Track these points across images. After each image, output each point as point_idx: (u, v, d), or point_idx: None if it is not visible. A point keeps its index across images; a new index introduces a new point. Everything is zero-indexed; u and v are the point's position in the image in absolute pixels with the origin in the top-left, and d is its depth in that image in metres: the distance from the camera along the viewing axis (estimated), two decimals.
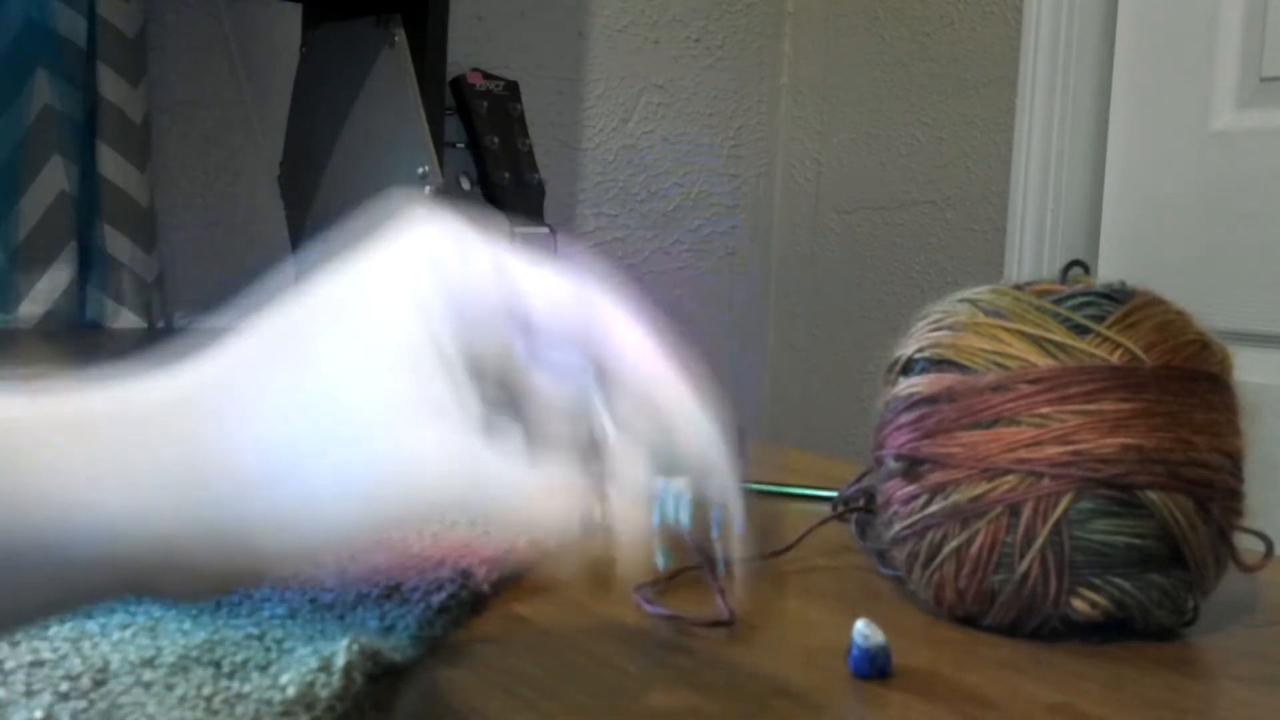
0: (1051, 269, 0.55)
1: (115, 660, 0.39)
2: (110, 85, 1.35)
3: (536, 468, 0.32)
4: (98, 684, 0.37)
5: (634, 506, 0.33)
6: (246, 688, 0.37)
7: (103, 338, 1.30)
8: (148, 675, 0.38)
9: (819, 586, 0.55)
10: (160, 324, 1.41)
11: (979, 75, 1.85)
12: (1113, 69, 1.65)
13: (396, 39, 1.39)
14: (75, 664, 0.38)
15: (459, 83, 1.74)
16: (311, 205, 1.39)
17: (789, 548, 0.58)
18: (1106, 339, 0.47)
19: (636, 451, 0.34)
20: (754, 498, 0.39)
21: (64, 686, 0.37)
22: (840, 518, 0.61)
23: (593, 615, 0.49)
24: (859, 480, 0.62)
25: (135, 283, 1.37)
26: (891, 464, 0.50)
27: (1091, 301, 0.49)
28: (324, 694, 0.36)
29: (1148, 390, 0.46)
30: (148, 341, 1.29)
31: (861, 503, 0.61)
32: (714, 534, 0.40)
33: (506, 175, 1.74)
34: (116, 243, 1.35)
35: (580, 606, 0.51)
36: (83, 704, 0.36)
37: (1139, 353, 0.47)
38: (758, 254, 2.21)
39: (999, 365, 0.48)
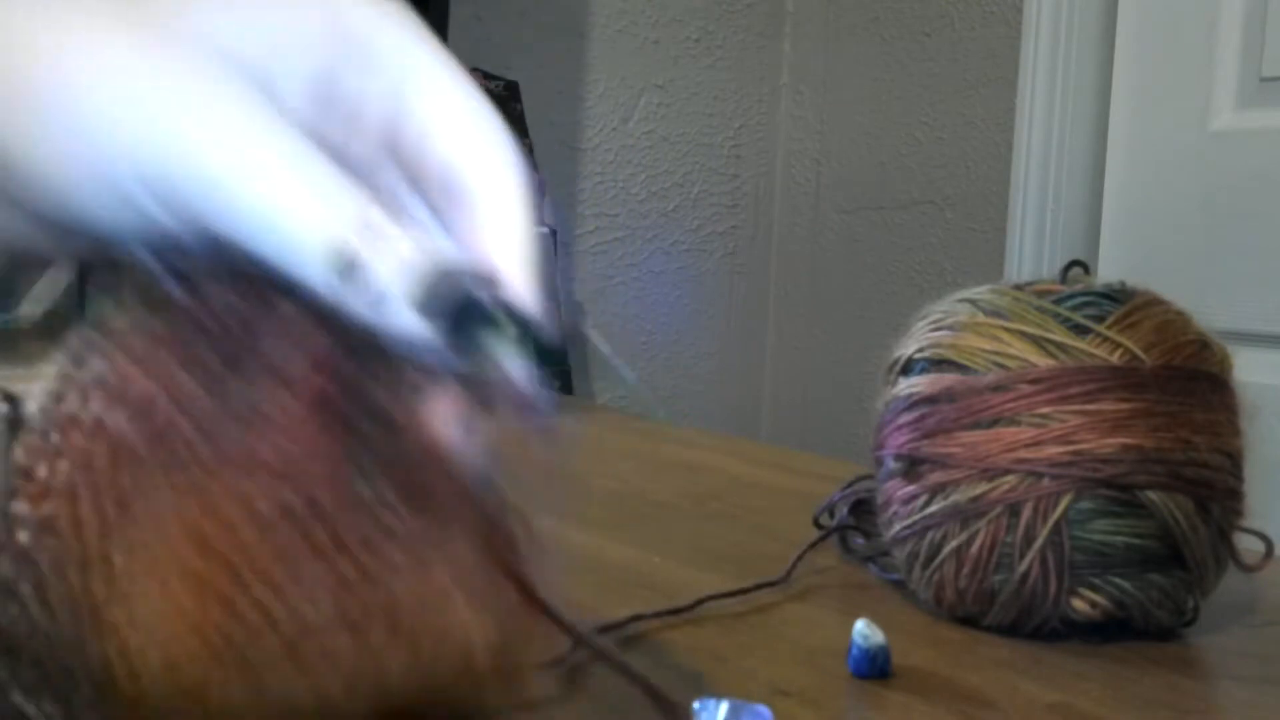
0: (1051, 269, 0.55)
1: None
2: None
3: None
4: None
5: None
6: None
7: None
8: None
9: (818, 587, 0.55)
10: None
11: (979, 75, 1.85)
12: (1113, 69, 1.65)
13: None
14: None
15: None
16: None
17: (783, 579, 0.54)
18: (1106, 339, 0.47)
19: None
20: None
21: None
22: (827, 536, 0.61)
23: (593, 614, 0.49)
24: (849, 487, 0.61)
25: None
26: (891, 464, 0.50)
27: (1091, 301, 0.49)
28: None
29: (1148, 390, 0.46)
30: None
31: (844, 519, 0.61)
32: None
33: None
34: None
35: (582, 606, 0.51)
36: None
37: (1139, 353, 0.47)
38: (758, 254, 2.21)
39: (999, 365, 0.48)
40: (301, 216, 0.26)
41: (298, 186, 0.26)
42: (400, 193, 0.29)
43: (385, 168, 0.29)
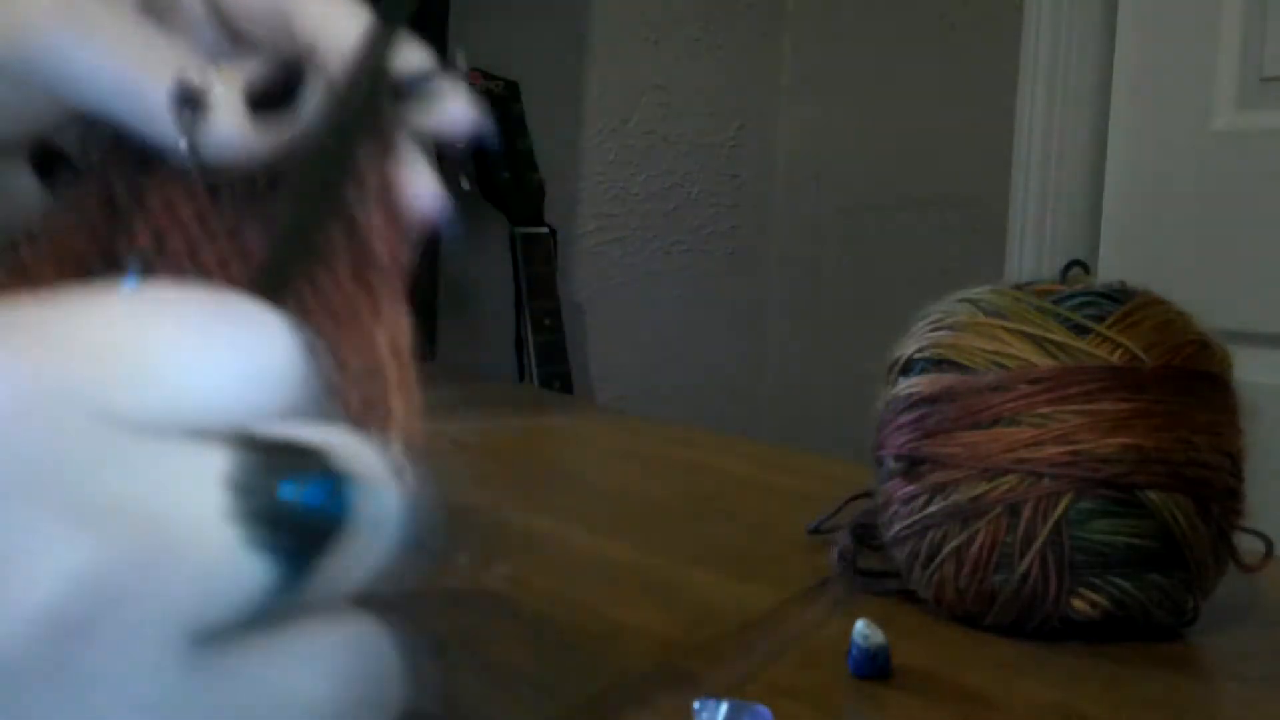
0: (1051, 269, 0.55)
1: None
2: None
3: None
4: None
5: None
6: None
7: None
8: None
9: (818, 587, 0.55)
10: None
11: (979, 75, 1.85)
12: (1113, 69, 1.65)
13: None
14: None
15: None
16: None
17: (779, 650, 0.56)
18: (1106, 339, 0.47)
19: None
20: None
21: None
22: (843, 555, 0.61)
23: (594, 614, 0.49)
24: (839, 509, 0.61)
25: None
26: (891, 464, 0.50)
27: (1091, 301, 0.49)
28: None
29: (1148, 390, 0.46)
30: None
31: (851, 543, 0.60)
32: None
33: (506, 175, 1.74)
34: None
35: (582, 605, 0.51)
36: None
37: (1139, 353, 0.47)
38: (758, 254, 2.21)
39: (999, 365, 0.48)
40: (142, 66, 0.28)
41: (132, 44, 0.28)
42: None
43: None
